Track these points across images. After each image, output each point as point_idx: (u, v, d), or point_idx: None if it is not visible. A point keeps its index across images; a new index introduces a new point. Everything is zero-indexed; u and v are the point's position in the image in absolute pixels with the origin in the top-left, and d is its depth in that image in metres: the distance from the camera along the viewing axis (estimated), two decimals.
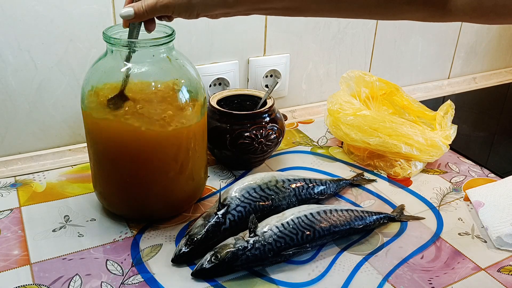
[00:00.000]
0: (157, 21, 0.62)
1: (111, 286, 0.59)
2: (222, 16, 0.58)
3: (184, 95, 0.66)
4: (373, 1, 0.51)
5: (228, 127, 0.79)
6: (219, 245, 0.62)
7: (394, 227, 0.72)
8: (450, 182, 0.84)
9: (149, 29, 0.61)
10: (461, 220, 0.74)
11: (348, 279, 0.62)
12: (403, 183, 0.83)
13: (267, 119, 0.81)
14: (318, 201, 0.75)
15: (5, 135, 0.81)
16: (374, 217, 0.70)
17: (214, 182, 0.81)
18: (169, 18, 0.59)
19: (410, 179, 0.84)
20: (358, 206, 0.76)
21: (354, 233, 0.69)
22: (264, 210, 0.68)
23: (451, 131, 0.86)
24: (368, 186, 0.82)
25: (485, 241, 0.70)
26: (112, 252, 0.65)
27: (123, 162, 0.66)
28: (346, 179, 0.80)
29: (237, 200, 0.67)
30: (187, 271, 0.62)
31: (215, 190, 0.79)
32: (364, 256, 0.66)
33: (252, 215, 0.64)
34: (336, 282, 0.61)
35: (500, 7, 0.46)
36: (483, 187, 0.79)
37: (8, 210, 0.72)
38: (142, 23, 0.60)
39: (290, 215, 0.65)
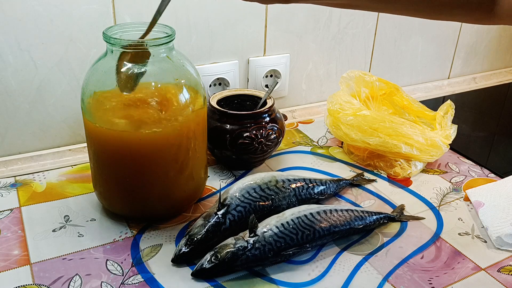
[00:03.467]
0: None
1: (111, 286, 0.59)
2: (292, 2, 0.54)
3: (184, 95, 0.66)
4: (425, 5, 0.51)
5: (228, 127, 0.79)
6: (219, 245, 0.62)
7: (394, 227, 0.72)
8: (450, 182, 0.84)
9: None
10: (461, 220, 0.74)
11: (348, 279, 0.62)
12: (403, 183, 0.83)
13: (267, 119, 0.81)
14: (318, 201, 0.75)
15: (5, 135, 0.81)
16: (374, 217, 0.70)
17: (214, 182, 0.81)
18: None
19: (410, 179, 0.84)
20: (358, 206, 0.76)
21: (354, 233, 0.69)
22: (264, 210, 0.68)
23: (451, 131, 0.86)
24: (368, 186, 0.82)
25: (485, 241, 0.70)
26: (112, 252, 0.65)
27: (123, 162, 0.66)
28: (346, 179, 0.80)
29: (237, 200, 0.67)
30: (187, 271, 0.62)
31: (215, 190, 0.79)
32: (364, 256, 0.66)
33: (252, 215, 0.64)
34: (336, 282, 0.61)
35: None
36: (483, 187, 0.79)
37: (8, 210, 0.72)
38: None
39: (290, 215, 0.65)
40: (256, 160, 0.84)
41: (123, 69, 0.63)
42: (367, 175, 0.84)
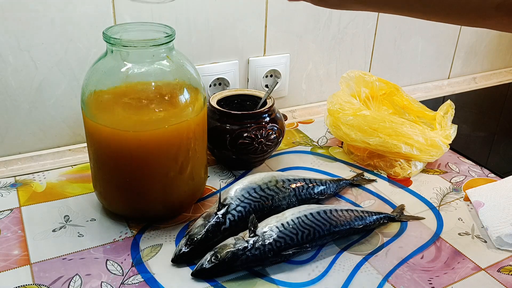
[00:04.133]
0: (156, 21, 0.62)
1: (111, 286, 0.59)
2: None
3: (184, 95, 0.66)
4: (460, 14, 0.51)
5: (228, 127, 0.79)
6: (219, 245, 0.62)
7: (394, 227, 0.72)
8: (450, 182, 0.84)
9: None
10: (461, 220, 0.74)
11: (348, 279, 0.62)
12: (403, 183, 0.83)
13: (267, 119, 0.81)
14: (318, 201, 0.75)
15: (5, 135, 0.81)
16: (374, 217, 0.70)
17: (214, 182, 0.81)
18: None
19: (410, 179, 0.84)
20: (358, 206, 0.76)
21: (354, 233, 0.69)
22: (264, 210, 0.68)
23: (451, 131, 0.86)
24: (368, 186, 0.82)
25: (485, 241, 0.70)
26: (112, 252, 0.65)
27: (123, 162, 0.66)
28: (346, 179, 0.80)
29: (237, 200, 0.67)
30: (187, 271, 0.62)
31: (215, 190, 0.79)
32: (364, 256, 0.66)
33: (252, 215, 0.64)
34: (336, 282, 0.61)
35: None
36: (483, 187, 0.79)
37: (8, 210, 0.72)
38: None
39: (290, 215, 0.65)
40: (256, 160, 0.84)
41: None
42: (367, 175, 0.84)
